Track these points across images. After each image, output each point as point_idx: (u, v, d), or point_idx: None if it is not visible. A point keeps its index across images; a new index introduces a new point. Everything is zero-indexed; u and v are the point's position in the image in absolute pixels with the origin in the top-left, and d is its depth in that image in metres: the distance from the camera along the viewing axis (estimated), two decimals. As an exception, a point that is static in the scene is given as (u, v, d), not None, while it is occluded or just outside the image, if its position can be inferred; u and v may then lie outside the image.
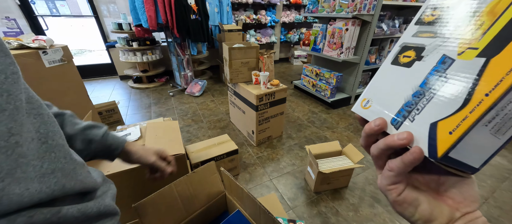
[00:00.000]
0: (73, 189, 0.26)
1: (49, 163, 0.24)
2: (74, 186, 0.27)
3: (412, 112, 0.20)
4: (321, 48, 2.31)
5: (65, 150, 0.27)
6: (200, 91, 2.73)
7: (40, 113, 0.25)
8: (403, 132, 0.19)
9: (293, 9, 4.24)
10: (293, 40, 4.32)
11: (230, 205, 0.78)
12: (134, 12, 2.22)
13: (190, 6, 2.20)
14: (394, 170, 0.21)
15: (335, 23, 2.06)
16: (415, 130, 0.19)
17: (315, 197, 1.28)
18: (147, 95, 2.75)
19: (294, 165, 1.53)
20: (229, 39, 2.73)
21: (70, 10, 8.45)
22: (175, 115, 2.22)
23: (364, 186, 1.35)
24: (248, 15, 3.59)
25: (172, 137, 0.84)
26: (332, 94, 2.30)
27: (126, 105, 2.48)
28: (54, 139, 0.26)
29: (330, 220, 1.14)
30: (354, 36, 2.05)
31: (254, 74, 1.59)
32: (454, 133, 0.17)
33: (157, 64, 3.24)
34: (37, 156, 0.23)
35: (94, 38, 5.91)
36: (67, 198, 0.27)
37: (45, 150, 0.24)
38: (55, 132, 0.26)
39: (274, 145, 1.74)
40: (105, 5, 3.00)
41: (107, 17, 3.07)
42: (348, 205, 1.23)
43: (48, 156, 0.24)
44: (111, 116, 1.95)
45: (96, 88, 3.00)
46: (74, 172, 0.27)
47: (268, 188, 1.34)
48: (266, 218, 0.55)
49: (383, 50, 2.43)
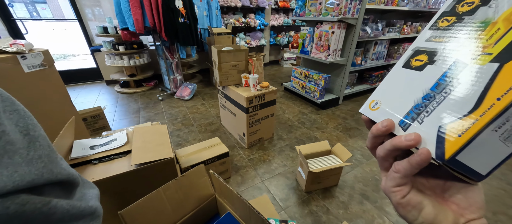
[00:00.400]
0: (61, 174, 0.27)
1: (35, 150, 0.24)
2: (61, 172, 0.27)
3: (421, 114, 0.20)
4: (309, 51, 2.37)
5: (47, 140, 0.28)
6: (190, 94, 2.70)
7: (15, 109, 0.25)
8: (411, 133, 0.19)
9: (282, 12, 4.32)
10: (283, 43, 4.39)
11: (221, 207, 0.77)
12: (120, 16, 2.17)
13: (178, 10, 2.18)
14: (400, 172, 0.20)
15: (322, 26, 2.12)
16: (423, 131, 0.19)
17: (306, 196, 1.29)
18: (135, 100, 2.68)
19: (285, 166, 1.54)
20: (218, 42, 2.73)
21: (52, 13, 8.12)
22: (164, 120, 2.18)
23: (353, 184, 1.38)
24: (237, 19, 3.62)
25: (160, 141, 0.83)
26: (321, 95, 2.35)
27: (113, 111, 2.40)
28: (35, 130, 0.26)
29: (321, 218, 1.16)
30: (340, 38, 2.12)
31: (244, 77, 1.60)
32: (463, 135, 0.17)
33: (145, 68, 3.17)
34: (23, 145, 0.23)
35: (77, 42, 5.71)
36: (55, 188, 0.27)
37: (29, 141, 0.24)
38: (35, 124, 0.27)
39: (265, 147, 1.75)
40: (90, 8, 2.91)
41: (91, 20, 2.98)
42: (338, 203, 1.25)
43: (33, 145, 0.25)
44: (96, 122, 1.88)
45: (80, 94, 2.89)
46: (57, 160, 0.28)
47: (260, 190, 1.34)
48: (256, 218, 0.55)
49: (368, 52, 2.52)
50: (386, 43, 2.62)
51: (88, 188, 0.37)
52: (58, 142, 0.67)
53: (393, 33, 2.54)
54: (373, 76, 2.80)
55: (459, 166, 0.18)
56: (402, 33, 2.64)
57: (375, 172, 1.48)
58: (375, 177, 1.44)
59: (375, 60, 2.64)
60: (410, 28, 2.74)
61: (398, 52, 2.80)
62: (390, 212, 1.19)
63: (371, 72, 2.83)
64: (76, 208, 0.28)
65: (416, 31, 2.81)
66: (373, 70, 2.86)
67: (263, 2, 3.73)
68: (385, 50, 2.67)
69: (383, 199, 1.27)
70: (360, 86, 2.79)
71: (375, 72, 2.82)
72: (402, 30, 2.65)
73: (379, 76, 2.85)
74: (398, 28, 2.57)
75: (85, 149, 0.81)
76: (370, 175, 1.46)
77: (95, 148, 0.81)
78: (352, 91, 2.63)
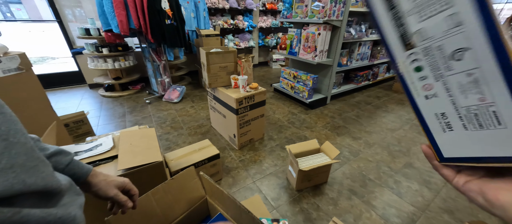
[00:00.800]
0: (35, 185, 0.26)
1: (8, 159, 0.24)
2: (36, 182, 0.26)
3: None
4: (297, 52, 2.42)
5: (27, 147, 0.27)
6: (179, 97, 2.65)
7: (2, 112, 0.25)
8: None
9: (270, 14, 4.37)
10: (271, 44, 4.44)
11: (212, 209, 0.77)
12: (103, 17, 2.10)
13: (164, 11, 2.15)
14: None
15: (309, 28, 2.18)
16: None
17: (297, 195, 1.32)
18: (121, 104, 2.59)
19: (276, 166, 1.56)
20: (207, 44, 2.71)
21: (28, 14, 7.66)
22: (152, 123, 2.13)
23: (342, 180, 1.43)
24: (226, 20, 3.61)
25: (148, 145, 0.82)
26: (310, 95, 2.40)
27: (97, 115, 2.31)
28: (16, 137, 0.26)
29: (311, 215, 1.19)
30: (326, 40, 2.18)
31: (233, 78, 1.61)
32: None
33: (131, 70, 3.08)
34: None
35: (57, 45, 5.43)
36: (30, 198, 0.26)
37: (5, 147, 0.24)
38: (18, 130, 0.26)
39: (256, 148, 1.76)
40: (70, 9, 2.79)
41: (72, 21, 2.85)
42: (328, 199, 1.29)
43: (8, 153, 0.24)
44: (79, 127, 1.80)
45: (61, 99, 2.75)
46: (36, 169, 0.27)
47: (252, 190, 1.35)
48: (247, 217, 0.56)
49: (353, 53, 2.62)
50: (369, 44, 2.73)
51: (74, 195, 0.36)
52: (39, 149, 0.64)
53: (376, 35, 2.66)
54: (358, 76, 2.91)
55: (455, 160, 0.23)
56: (384, 35, 2.76)
57: (362, 168, 1.53)
58: (362, 173, 1.49)
59: (360, 60, 2.75)
60: (392, 29, 2.88)
61: (381, 52, 2.93)
62: (376, 206, 1.24)
63: (356, 72, 2.94)
64: (52, 215, 0.27)
65: (397, 32, 2.95)
66: (359, 70, 2.97)
67: (251, 4, 3.76)
68: (369, 51, 2.78)
69: (370, 194, 1.32)
70: (346, 85, 2.89)
71: (360, 72, 2.92)
72: (384, 32, 2.77)
73: (364, 76, 2.96)
74: (380, 30, 2.69)
75: (68, 155, 0.77)
76: (357, 171, 1.51)
77: (79, 155, 0.78)
78: (339, 90, 2.71)
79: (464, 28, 0.17)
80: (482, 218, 1.11)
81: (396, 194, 1.33)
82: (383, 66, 3.24)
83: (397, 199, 1.29)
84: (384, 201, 1.28)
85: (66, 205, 0.32)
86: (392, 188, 1.37)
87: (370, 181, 1.43)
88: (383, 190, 1.36)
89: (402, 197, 1.31)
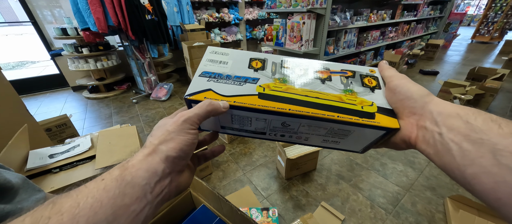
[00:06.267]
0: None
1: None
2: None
3: None
4: (284, 42, 2.40)
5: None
6: (167, 95, 2.60)
7: None
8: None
9: (256, 6, 4.30)
10: (259, 37, 4.39)
11: (197, 201, 0.77)
12: (79, 15, 2.01)
13: (143, 6, 2.07)
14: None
15: (293, 17, 2.16)
16: None
17: (287, 183, 1.33)
18: (107, 105, 2.52)
19: (266, 157, 1.57)
20: (192, 39, 2.65)
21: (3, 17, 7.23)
22: (140, 123, 2.09)
23: (330, 166, 1.45)
24: (211, 14, 3.53)
25: (128, 143, 0.80)
26: (298, 85, 2.40)
27: (82, 118, 2.24)
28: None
29: (301, 202, 1.21)
30: (311, 29, 2.17)
31: (218, 72, 1.58)
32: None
33: (115, 70, 2.99)
34: None
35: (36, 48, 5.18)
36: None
37: None
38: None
39: (246, 141, 1.76)
40: (48, 9, 2.65)
41: (52, 23, 2.71)
42: (316, 185, 1.31)
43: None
44: (63, 131, 1.75)
45: (43, 103, 2.65)
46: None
47: (242, 182, 1.36)
48: (226, 206, 0.56)
49: (339, 41, 2.62)
50: (355, 32, 2.74)
51: (31, 192, 0.36)
52: (7, 152, 0.61)
53: (361, 22, 2.66)
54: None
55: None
56: (369, 21, 2.77)
57: (350, 154, 1.57)
58: (350, 158, 1.53)
59: (347, 48, 2.76)
60: (376, 16, 2.89)
61: (367, 39, 2.95)
62: (363, 188, 1.28)
63: (344, 60, 2.95)
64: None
65: (382, 18, 2.98)
66: (346, 58, 2.99)
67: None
68: (355, 38, 2.79)
69: (357, 177, 1.36)
70: (334, 74, 2.90)
71: (347, 60, 2.94)
72: (369, 18, 2.78)
73: (351, 64, 2.98)
74: (365, 17, 2.70)
75: (43, 158, 0.75)
76: (345, 156, 1.54)
77: (55, 157, 0.76)
78: (327, 79, 2.72)
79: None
80: (461, 193, 1.17)
81: (382, 176, 1.37)
82: (370, 53, 3.27)
83: (383, 180, 1.33)
84: (371, 183, 1.31)
85: (21, 201, 0.32)
86: (378, 170, 1.41)
87: (357, 165, 1.46)
88: (369, 173, 1.39)
89: (387, 178, 1.35)
